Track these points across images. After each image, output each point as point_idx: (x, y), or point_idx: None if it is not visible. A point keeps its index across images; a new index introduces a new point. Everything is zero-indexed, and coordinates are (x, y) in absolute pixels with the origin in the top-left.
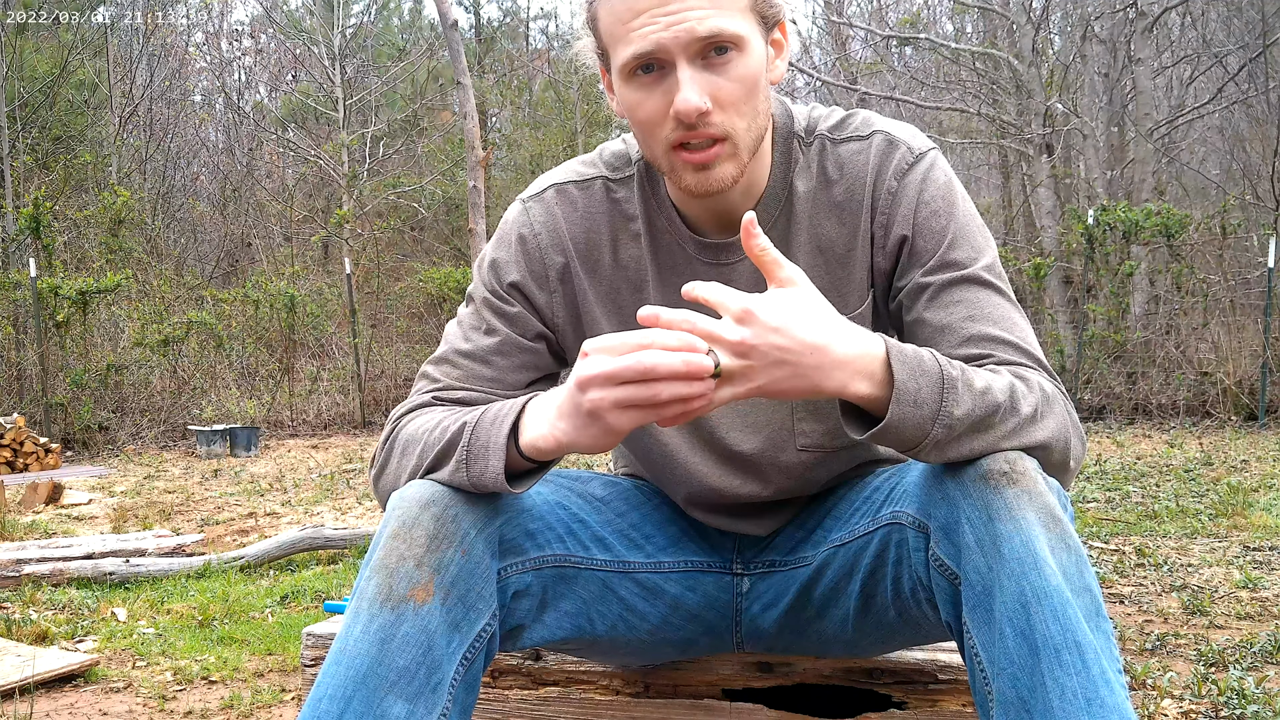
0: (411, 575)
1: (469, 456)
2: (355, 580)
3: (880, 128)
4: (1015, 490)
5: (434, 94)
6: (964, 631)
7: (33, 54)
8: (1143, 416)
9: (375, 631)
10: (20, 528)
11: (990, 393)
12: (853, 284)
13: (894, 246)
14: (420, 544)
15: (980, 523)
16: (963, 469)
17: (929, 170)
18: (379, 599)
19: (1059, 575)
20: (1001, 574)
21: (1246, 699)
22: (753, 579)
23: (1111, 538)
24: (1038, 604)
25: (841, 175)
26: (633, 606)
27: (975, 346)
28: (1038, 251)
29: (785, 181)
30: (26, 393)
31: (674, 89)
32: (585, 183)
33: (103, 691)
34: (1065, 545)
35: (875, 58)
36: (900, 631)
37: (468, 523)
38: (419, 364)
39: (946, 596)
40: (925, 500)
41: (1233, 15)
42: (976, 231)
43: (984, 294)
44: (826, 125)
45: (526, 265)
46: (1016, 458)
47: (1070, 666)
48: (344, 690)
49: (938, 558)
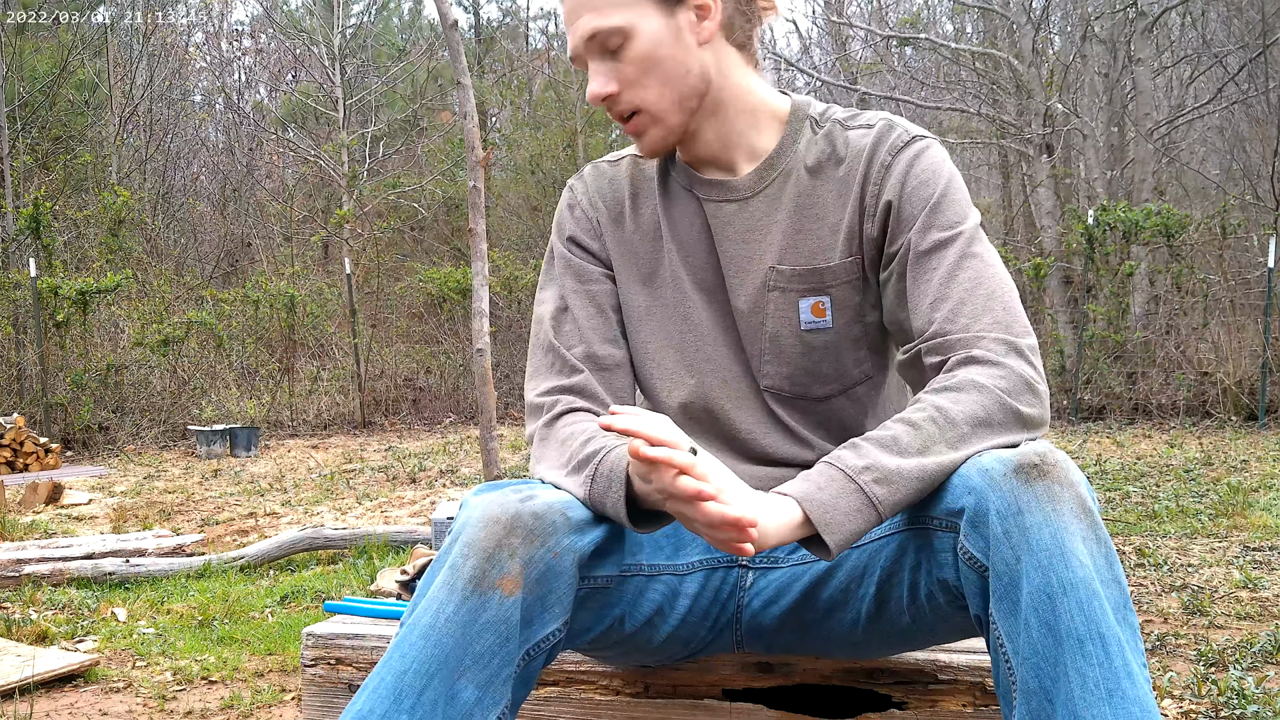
0: (505, 564)
1: (594, 477)
2: (439, 551)
3: (887, 117)
4: (1046, 482)
5: (434, 94)
6: (990, 623)
7: (33, 54)
8: (1143, 416)
9: (464, 613)
10: (20, 528)
11: (900, 441)
12: (835, 245)
13: (882, 213)
14: (518, 535)
15: (1009, 514)
16: (990, 463)
17: (924, 149)
18: (472, 582)
19: (1087, 567)
20: (1029, 565)
21: (1246, 699)
22: (755, 573)
23: (1112, 537)
24: (1064, 595)
25: (846, 153)
26: (659, 608)
27: (938, 309)
28: (1038, 251)
29: (791, 151)
30: (26, 393)
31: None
32: (617, 160)
33: (103, 691)
34: (1095, 537)
35: (875, 58)
36: (912, 636)
37: (562, 530)
38: (419, 364)
39: (975, 589)
40: (955, 495)
41: (1233, 15)
42: (961, 201)
43: (958, 257)
44: (840, 114)
45: (575, 224)
46: (1047, 450)
47: (1093, 657)
48: (429, 666)
49: (966, 550)
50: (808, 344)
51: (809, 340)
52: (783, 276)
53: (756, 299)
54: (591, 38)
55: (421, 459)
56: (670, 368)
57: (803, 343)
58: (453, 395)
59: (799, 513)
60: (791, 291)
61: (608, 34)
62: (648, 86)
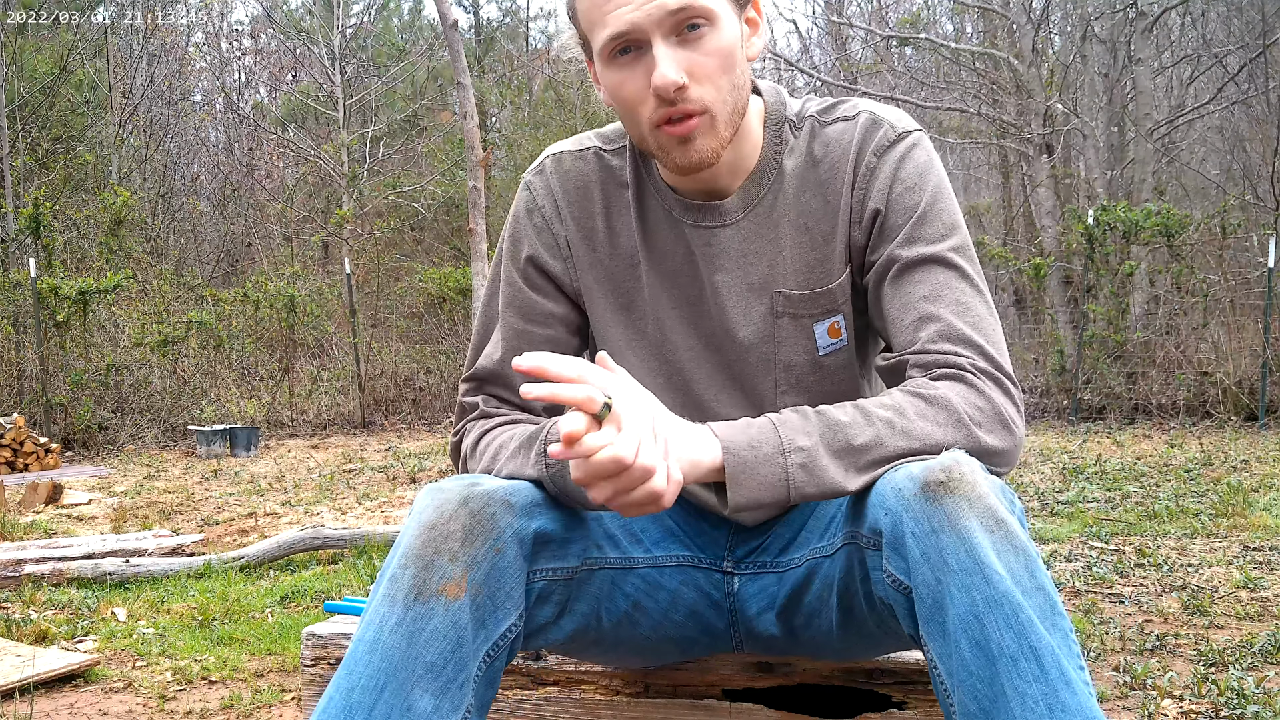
0: (445, 570)
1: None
2: (383, 563)
3: (867, 109)
4: (954, 499)
5: (434, 94)
6: (922, 644)
7: (33, 54)
8: (1143, 416)
9: (408, 624)
10: (20, 528)
11: (835, 410)
12: (834, 259)
13: (868, 220)
14: (456, 538)
15: (923, 535)
16: (902, 481)
17: (910, 149)
18: (413, 591)
19: (1007, 580)
20: (950, 585)
21: (1246, 699)
22: (743, 580)
23: (1111, 538)
24: (989, 613)
25: (826, 154)
26: (637, 602)
27: (923, 328)
28: (1038, 251)
29: (775, 162)
30: (26, 393)
31: (652, 66)
32: (579, 151)
33: (103, 691)
34: (1011, 547)
35: (875, 58)
36: (884, 640)
37: (504, 522)
38: (419, 364)
39: (904, 610)
40: (872, 515)
41: (1233, 15)
42: (948, 212)
43: (946, 275)
44: (816, 109)
45: (536, 237)
46: (953, 463)
47: (1028, 673)
48: (376, 681)
49: (889, 572)
50: (826, 367)
51: (827, 363)
52: (791, 301)
53: (764, 328)
54: (681, 10)
55: (421, 459)
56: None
57: (821, 367)
58: (452, 395)
59: (717, 458)
60: (804, 317)
61: (701, 13)
62: (720, 86)
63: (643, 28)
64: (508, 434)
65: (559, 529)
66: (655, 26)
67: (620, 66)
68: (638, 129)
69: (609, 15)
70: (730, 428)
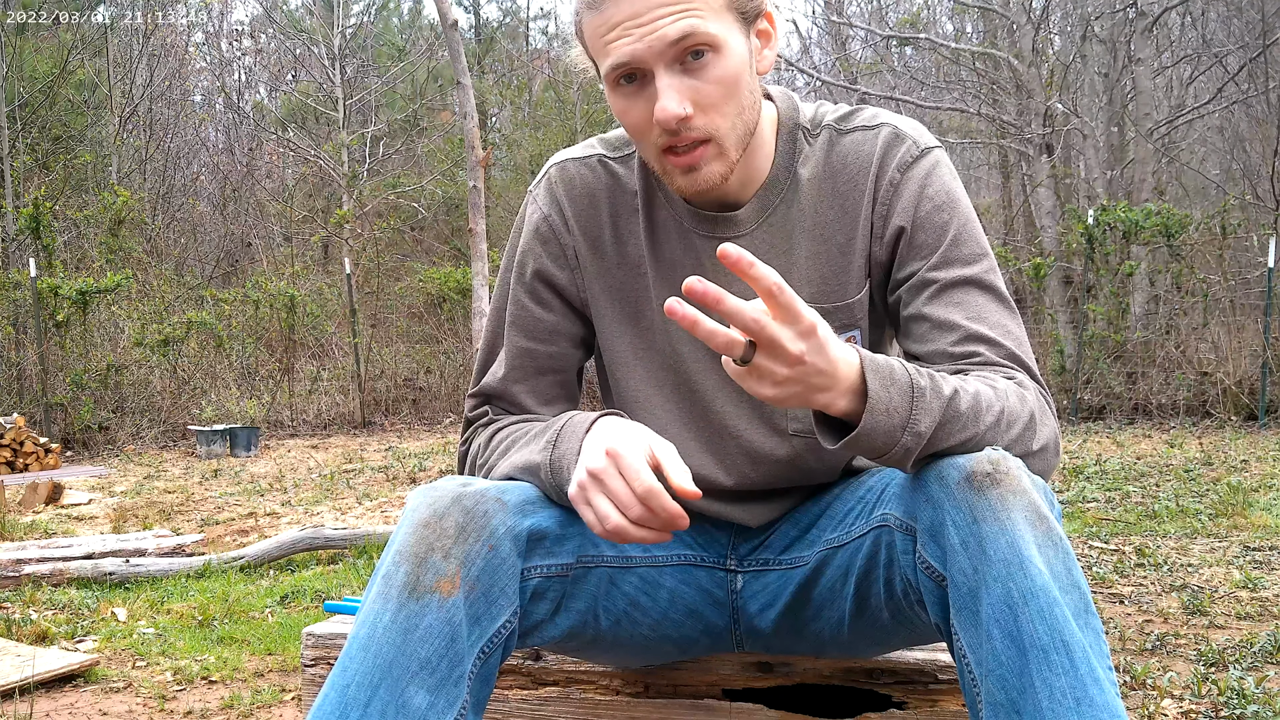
0: (439, 567)
1: (558, 438)
2: (377, 563)
3: (888, 121)
4: (999, 491)
5: (434, 94)
6: (952, 634)
7: (33, 54)
8: (1143, 416)
9: (402, 621)
10: (20, 528)
11: (957, 398)
12: (852, 272)
13: (891, 238)
14: (449, 535)
15: (965, 524)
16: (946, 470)
17: (934, 166)
18: (407, 588)
19: (1045, 574)
20: (987, 575)
21: (1246, 699)
22: (747, 577)
23: (1111, 538)
24: (1024, 604)
25: (845, 164)
26: (635, 601)
27: (969, 345)
28: (1038, 251)
29: (789, 170)
30: (26, 393)
31: (655, 96)
32: (585, 159)
33: (103, 691)
34: (1052, 543)
35: (875, 58)
36: (895, 633)
37: (497, 519)
38: (419, 364)
39: (934, 598)
40: (911, 502)
41: (1233, 15)
42: (978, 233)
43: (984, 298)
44: (833, 117)
45: (544, 250)
46: (1000, 457)
47: (1058, 666)
48: (371, 678)
49: (924, 560)
50: None
51: None
52: None
53: None
54: (682, 39)
55: (421, 459)
56: (663, 419)
57: None
58: (453, 395)
59: (858, 362)
60: None
61: (704, 40)
62: (725, 113)
63: (644, 59)
64: (522, 430)
65: (554, 526)
66: (657, 58)
67: (625, 95)
68: (644, 152)
69: (611, 45)
70: (879, 378)
